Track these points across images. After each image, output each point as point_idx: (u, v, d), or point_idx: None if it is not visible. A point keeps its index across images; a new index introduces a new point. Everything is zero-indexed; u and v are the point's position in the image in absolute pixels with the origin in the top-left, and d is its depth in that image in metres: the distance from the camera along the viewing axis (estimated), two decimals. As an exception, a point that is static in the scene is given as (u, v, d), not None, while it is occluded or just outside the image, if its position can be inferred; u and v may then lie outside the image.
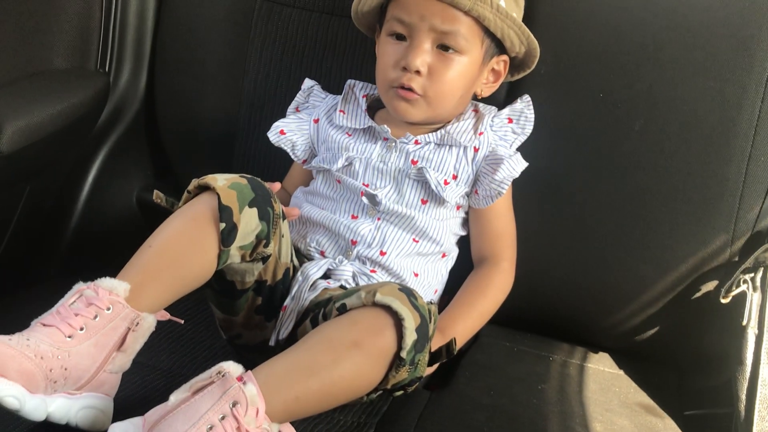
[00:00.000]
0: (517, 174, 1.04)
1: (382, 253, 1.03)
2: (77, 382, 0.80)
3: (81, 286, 0.83)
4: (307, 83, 1.16)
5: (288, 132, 1.12)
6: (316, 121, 1.13)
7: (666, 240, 1.09)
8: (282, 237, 0.95)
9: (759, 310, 0.99)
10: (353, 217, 1.05)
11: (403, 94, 1.01)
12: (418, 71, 0.99)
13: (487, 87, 1.07)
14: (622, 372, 1.13)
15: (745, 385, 0.97)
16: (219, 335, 1.04)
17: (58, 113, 1.13)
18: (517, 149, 1.08)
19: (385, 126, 1.06)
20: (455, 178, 1.05)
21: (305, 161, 1.14)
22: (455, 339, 0.90)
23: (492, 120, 1.08)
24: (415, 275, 1.05)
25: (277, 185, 1.00)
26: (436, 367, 1.00)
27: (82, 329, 0.80)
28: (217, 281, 0.93)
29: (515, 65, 1.08)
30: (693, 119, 1.07)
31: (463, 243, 1.11)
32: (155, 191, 0.99)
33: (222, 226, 0.85)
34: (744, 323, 0.99)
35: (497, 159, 1.04)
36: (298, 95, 1.16)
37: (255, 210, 0.88)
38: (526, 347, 1.14)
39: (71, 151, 1.25)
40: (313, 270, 0.98)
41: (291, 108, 1.16)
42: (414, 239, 1.05)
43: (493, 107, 1.10)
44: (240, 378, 0.76)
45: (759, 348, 0.97)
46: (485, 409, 0.97)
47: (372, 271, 1.03)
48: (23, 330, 0.79)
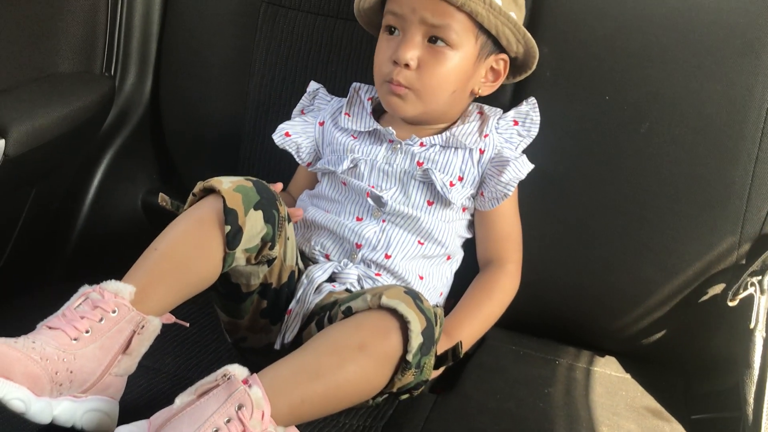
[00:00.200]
0: (523, 176, 1.04)
1: (387, 256, 1.03)
2: (83, 384, 0.80)
3: (86, 288, 0.83)
4: (313, 86, 1.16)
5: (293, 134, 1.12)
6: (321, 124, 1.13)
7: (672, 243, 1.09)
8: (287, 240, 0.94)
9: (766, 313, 0.98)
10: (358, 219, 1.05)
11: (394, 89, 1.00)
12: (407, 65, 0.98)
13: (486, 86, 1.05)
14: (628, 376, 1.12)
15: (753, 389, 0.96)
16: (224, 338, 1.04)
17: (63, 117, 1.13)
18: (523, 152, 1.08)
19: (390, 128, 1.06)
20: (461, 179, 1.05)
21: (310, 164, 1.14)
22: (461, 342, 0.89)
23: (497, 122, 1.08)
24: (420, 278, 1.05)
25: (279, 185, 0.99)
26: (441, 371, 1.00)
27: (87, 332, 0.80)
28: (222, 284, 0.93)
29: (517, 66, 1.07)
30: (699, 122, 1.07)
31: (469, 246, 1.11)
32: (160, 194, 0.99)
33: (227, 229, 0.85)
34: (751, 326, 0.98)
35: (503, 161, 1.04)
36: (303, 98, 1.16)
37: (260, 213, 0.88)
38: (532, 350, 1.14)
39: (77, 155, 1.25)
40: (318, 273, 0.98)
41: (296, 111, 1.16)
42: (419, 241, 1.04)
43: (498, 109, 1.10)
44: (245, 381, 0.76)
45: (766, 352, 0.97)
46: (491, 413, 0.97)
47: (377, 275, 1.03)
48: (29, 333, 0.79)
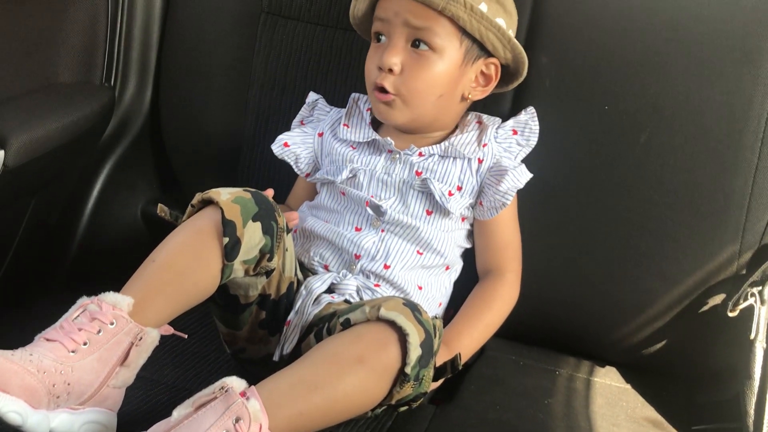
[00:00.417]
0: (522, 185, 1.04)
1: (386, 267, 1.03)
2: (80, 397, 0.80)
3: (85, 300, 0.83)
4: (312, 97, 1.17)
5: (292, 145, 1.12)
6: (320, 135, 1.13)
7: (672, 253, 1.08)
8: (286, 251, 0.94)
9: (767, 323, 0.98)
10: (357, 230, 1.05)
11: (381, 96, 1.01)
12: (391, 70, 0.98)
13: (477, 90, 1.04)
14: (629, 386, 1.12)
15: (754, 400, 0.96)
16: (223, 349, 1.03)
17: (63, 127, 1.13)
18: (522, 161, 1.08)
19: (389, 138, 1.06)
20: (460, 189, 1.05)
21: (308, 175, 1.13)
22: (460, 354, 0.89)
23: (496, 131, 1.08)
24: (419, 288, 1.05)
25: (270, 191, 0.98)
26: (441, 382, 0.99)
27: (85, 344, 0.80)
28: (221, 295, 0.93)
29: (511, 72, 1.06)
30: (699, 131, 1.07)
31: (468, 255, 1.11)
32: (159, 205, 0.99)
33: (225, 240, 0.85)
34: (752, 337, 0.98)
35: (501, 170, 1.04)
36: (302, 109, 1.17)
37: (259, 224, 0.88)
38: (532, 361, 1.13)
39: (76, 165, 1.25)
40: (317, 284, 0.98)
41: (296, 121, 1.16)
42: (418, 251, 1.04)
43: (497, 118, 1.10)
44: (243, 393, 0.76)
45: (767, 362, 0.96)
46: (491, 424, 0.96)
47: (376, 285, 1.02)
48: (26, 345, 0.79)
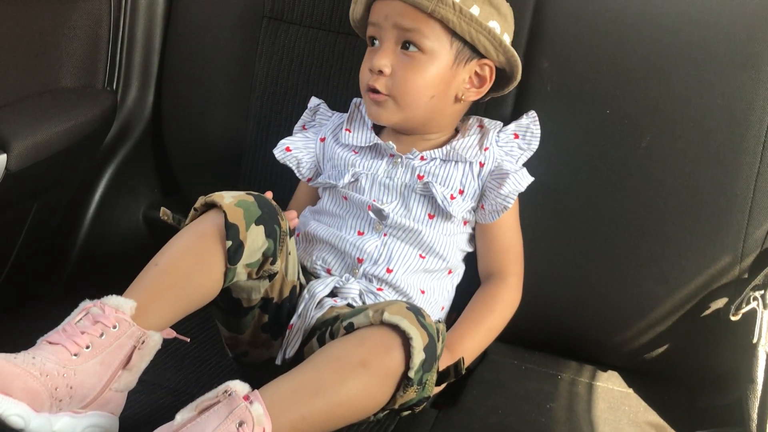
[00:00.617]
0: (523, 188, 1.04)
1: (388, 271, 1.03)
2: (83, 400, 0.79)
3: (87, 303, 0.83)
4: (314, 101, 1.17)
5: (294, 149, 1.12)
6: (322, 140, 1.13)
7: (674, 257, 1.08)
8: (289, 254, 0.94)
9: (770, 327, 0.98)
10: (359, 234, 1.05)
11: (373, 97, 1.01)
12: (381, 71, 0.99)
13: (471, 91, 1.04)
14: (631, 390, 1.12)
15: (756, 404, 0.96)
16: (225, 353, 1.03)
17: (65, 131, 1.13)
18: (524, 165, 1.08)
19: (390, 142, 1.06)
20: (461, 193, 1.05)
21: (310, 179, 1.14)
22: (463, 358, 0.89)
23: (498, 135, 1.08)
24: (422, 292, 1.05)
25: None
26: (443, 386, 0.99)
27: (88, 347, 0.80)
28: (224, 299, 0.93)
29: (507, 76, 1.05)
30: (700, 136, 1.07)
31: (470, 259, 1.11)
32: (162, 208, 0.99)
33: (228, 243, 0.85)
34: (754, 341, 0.98)
35: (503, 174, 1.04)
36: (304, 114, 1.17)
37: (262, 227, 0.88)
38: (534, 365, 1.13)
39: (78, 169, 1.25)
40: (320, 288, 0.98)
41: (298, 126, 1.17)
42: (420, 255, 1.04)
43: (499, 122, 1.10)
44: (246, 397, 0.76)
45: (770, 366, 0.96)
46: (493, 428, 0.96)
47: (379, 289, 1.02)
48: (29, 348, 0.79)
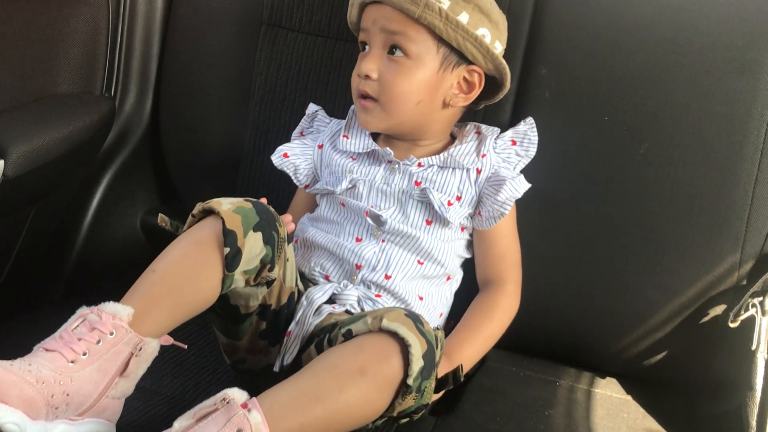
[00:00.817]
0: (520, 195, 1.04)
1: (387, 277, 1.02)
2: (79, 407, 0.79)
3: (84, 310, 0.83)
4: (312, 108, 1.17)
5: (291, 156, 1.12)
6: (320, 147, 1.13)
7: (673, 264, 1.08)
8: (287, 261, 0.94)
9: (768, 334, 0.98)
10: (357, 240, 1.05)
11: (363, 104, 1.02)
12: (368, 76, 0.99)
13: (459, 97, 1.04)
14: (630, 397, 1.11)
15: (756, 411, 0.96)
16: (223, 360, 1.03)
17: (63, 137, 1.13)
18: (522, 172, 1.08)
19: (388, 148, 1.06)
20: (459, 199, 1.05)
21: (307, 186, 1.13)
22: (462, 366, 0.89)
23: (495, 141, 1.08)
24: (420, 299, 1.05)
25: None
26: (442, 394, 0.99)
27: (84, 354, 0.79)
28: (221, 306, 0.93)
29: (498, 83, 1.05)
30: (699, 143, 1.07)
31: (468, 266, 1.11)
32: (160, 215, 0.98)
33: (226, 250, 0.85)
34: (753, 348, 0.97)
35: (500, 180, 1.04)
36: (302, 120, 1.17)
37: (260, 234, 0.87)
38: (532, 372, 1.13)
39: (76, 175, 1.25)
40: (318, 294, 0.97)
41: (296, 132, 1.17)
42: (419, 261, 1.04)
43: (496, 128, 1.10)
44: (244, 405, 0.75)
45: (769, 373, 0.96)
46: (492, 436, 0.96)
47: (377, 296, 1.02)
48: (25, 355, 0.79)
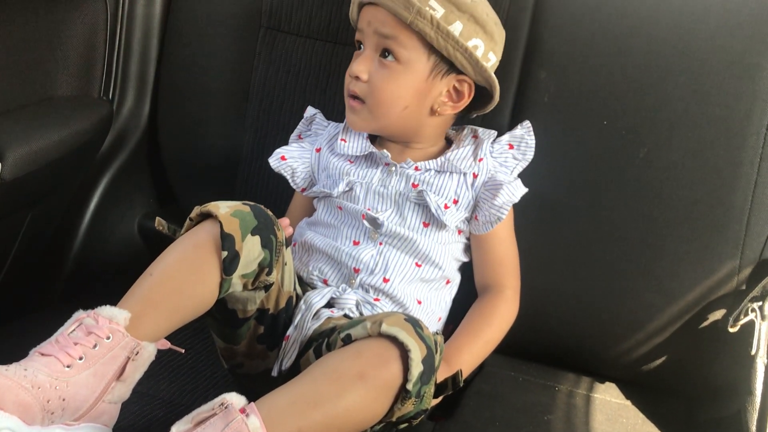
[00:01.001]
0: (517, 199, 1.04)
1: (385, 280, 1.02)
2: (75, 412, 0.78)
3: (81, 314, 0.82)
4: (310, 111, 1.17)
5: (289, 158, 1.12)
6: (318, 151, 1.12)
7: (672, 268, 1.08)
8: (285, 265, 0.94)
9: (768, 339, 0.98)
10: (355, 243, 1.04)
11: (351, 103, 1.03)
12: (358, 77, 1.00)
13: (447, 105, 1.03)
14: (629, 402, 1.11)
15: (755, 416, 0.95)
16: (220, 364, 1.02)
17: (60, 140, 1.13)
18: (521, 176, 1.07)
19: (385, 151, 1.06)
20: (456, 202, 1.05)
21: (304, 189, 1.13)
22: (461, 371, 0.88)
23: (492, 145, 1.08)
24: (419, 303, 1.04)
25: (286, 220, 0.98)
26: (441, 399, 0.98)
27: (81, 358, 0.79)
28: (219, 310, 0.92)
29: (489, 94, 1.04)
30: (698, 147, 1.07)
31: (466, 271, 1.10)
32: (157, 218, 0.98)
33: (224, 254, 0.84)
34: (753, 353, 0.97)
35: (497, 184, 1.04)
36: (300, 123, 1.17)
37: (258, 238, 0.87)
38: (531, 377, 1.13)
39: (74, 179, 1.24)
40: (317, 299, 0.97)
41: (293, 136, 1.17)
42: (416, 263, 1.04)
43: (493, 132, 1.10)
44: (243, 410, 0.75)
45: (769, 378, 0.96)
46: (491, 441, 0.96)
47: (376, 300, 1.02)
48: (21, 359, 0.78)
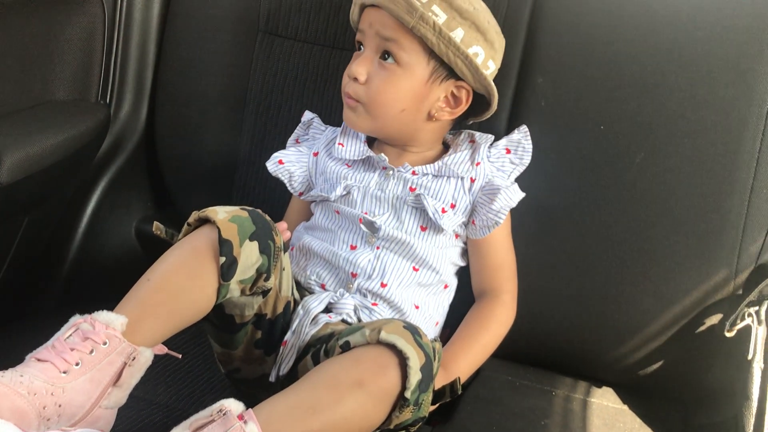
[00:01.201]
0: (514, 204, 1.04)
1: (382, 285, 1.02)
2: (72, 418, 0.78)
3: (77, 319, 0.82)
4: (307, 116, 1.17)
5: (287, 162, 1.12)
6: (315, 155, 1.12)
7: (668, 273, 1.08)
8: (283, 270, 0.94)
9: (764, 344, 0.98)
10: (352, 248, 1.04)
11: (347, 101, 1.03)
12: (356, 78, 1.00)
13: (445, 111, 1.04)
14: (626, 407, 1.11)
15: (752, 421, 0.96)
16: (217, 369, 1.02)
17: (58, 144, 1.13)
18: (518, 181, 1.07)
19: (383, 154, 1.06)
20: (453, 207, 1.05)
21: (301, 194, 1.13)
22: (459, 378, 0.88)
23: (489, 150, 1.08)
24: (416, 308, 1.04)
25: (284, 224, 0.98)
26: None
27: (77, 364, 0.79)
28: (216, 315, 0.92)
29: (487, 101, 1.05)
30: (694, 152, 1.07)
31: (463, 274, 1.10)
32: (155, 223, 0.98)
33: (222, 260, 0.84)
34: (749, 357, 0.98)
35: (494, 189, 1.04)
36: (298, 128, 1.17)
37: (256, 243, 0.87)
38: (528, 381, 1.13)
39: (71, 183, 1.24)
40: (315, 304, 0.97)
41: (291, 140, 1.17)
42: (414, 267, 1.04)
43: (490, 136, 1.10)
44: (241, 416, 0.75)
45: (765, 383, 0.96)
46: (488, 446, 0.96)
47: (373, 304, 1.02)
48: (17, 364, 0.78)
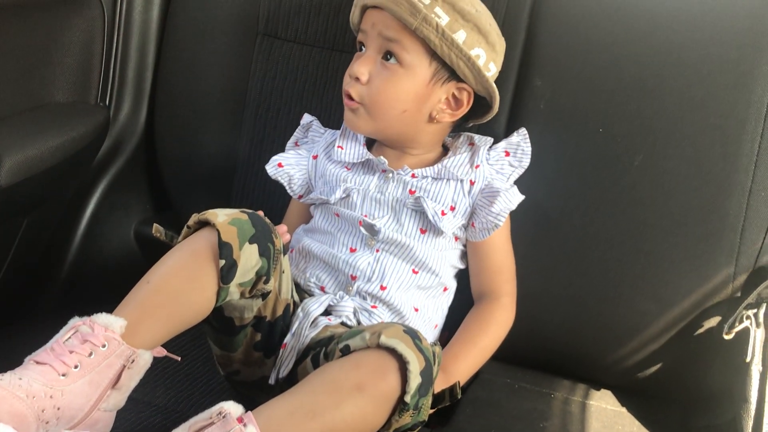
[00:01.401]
0: (514, 206, 1.04)
1: (382, 288, 1.02)
2: (70, 421, 0.78)
3: (76, 321, 0.82)
4: (306, 118, 1.17)
5: (286, 165, 1.12)
6: (315, 158, 1.12)
7: (667, 275, 1.09)
8: (282, 273, 0.94)
9: (763, 346, 0.98)
10: (352, 250, 1.04)
11: (348, 103, 1.02)
12: (358, 78, 1.00)
13: (446, 113, 1.03)
14: (624, 410, 1.11)
15: (750, 423, 0.96)
16: (216, 371, 1.02)
17: (57, 147, 1.13)
18: (517, 184, 1.08)
19: (382, 157, 1.06)
20: (453, 209, 1.05)
21: (301, 196, 1.13)
22: (459, 382, 0.88)
23: (488, 153, 1.08)
24: (416, 310, 1.04)
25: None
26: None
27: (76, 367, 0.79)
28: (216, 317, 0.92)
29: (488, 104, 1.05)
30: (693, 154, 1.07)
31: (462, 277, 1.10)
32: (155, 225, 0.98)
33: (222, 262, 0.84)
34: (748, 360, 0.98)
35: (494, 192, 1.04)
36: (297, 130, 1.17)
37: (255, 246, 0.87)
38: (527, 384, 1.13)
39: (70, 185, 1.24)
40: (314, 306, 0.97)
41: (290, 143, 1.16)
42: (413, 270, 1.04)
43: (489, 138, 1.10)
44: (240, 419, 0.75)
45: (764, 385, 0.96)
46: (487, 449, 0.96)
47: (373, 307, 1.02)
48: (16, 367, 0.78)
